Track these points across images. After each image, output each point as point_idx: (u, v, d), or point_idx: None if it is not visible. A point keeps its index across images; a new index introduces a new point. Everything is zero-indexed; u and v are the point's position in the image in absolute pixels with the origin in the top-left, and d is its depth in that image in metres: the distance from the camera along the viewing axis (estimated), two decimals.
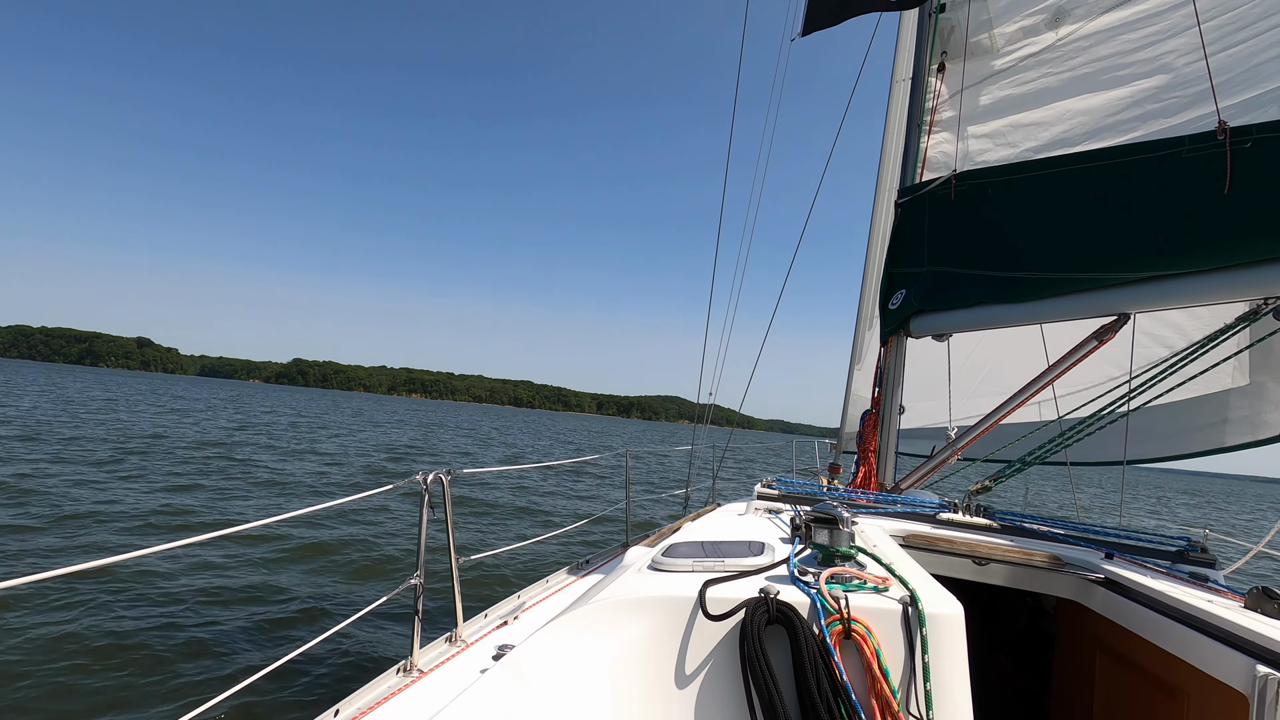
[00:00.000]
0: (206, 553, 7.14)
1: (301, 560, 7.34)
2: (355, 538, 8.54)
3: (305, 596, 6.01)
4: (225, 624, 5.29)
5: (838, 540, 1.56)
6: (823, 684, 1.25)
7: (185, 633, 5.07)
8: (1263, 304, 2.48)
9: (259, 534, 7.90)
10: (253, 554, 7.36)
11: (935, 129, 4.26)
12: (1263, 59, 2.92)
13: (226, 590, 6.06)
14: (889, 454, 4.04)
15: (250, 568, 6.93)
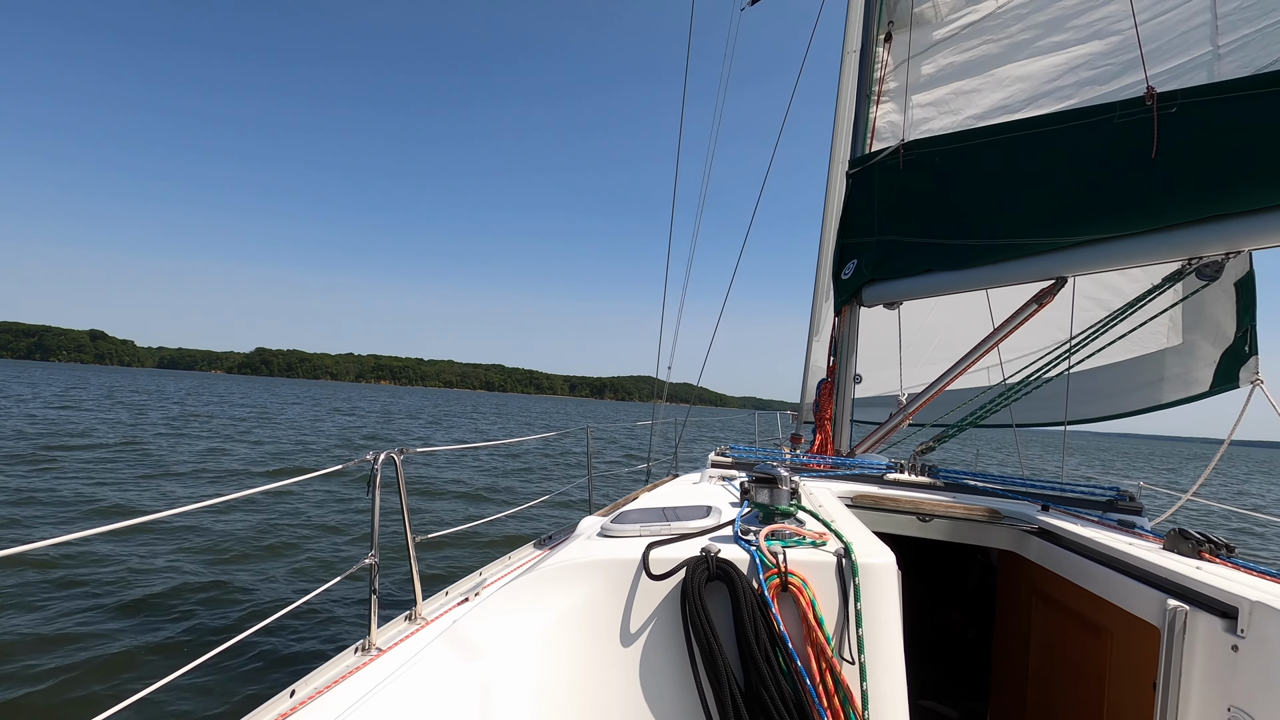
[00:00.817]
0: (149, 540, 7.00)
1: (249, 547, 7.26)
2: (307, 522, 8.47)
3: (256, 582, 5.97)
4: (173, 609, 5.24)
5: (777, 499, 1.61)
6: (760, 635, 1.29)
7: (130, 618, 5.01)
8: (1187, 264, 2.59)
9: (199, 521, 7.76)
10: (197, 541, 7.26)
11: (883, 99, 4.30)
12: (1189, 26, 3.00)
13: (171, 576, 5.98)
14: (844, 421, 4.13)
15: (195, 554, 6.83)
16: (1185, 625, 1.51)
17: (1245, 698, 1.37)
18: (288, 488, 10.00)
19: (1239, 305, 3.30)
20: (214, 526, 7.85)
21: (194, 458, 14.06)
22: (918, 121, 4.13)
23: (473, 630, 1.46)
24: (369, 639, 2.08)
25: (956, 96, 4.02)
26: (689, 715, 1.32)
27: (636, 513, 1.86)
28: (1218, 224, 2.41)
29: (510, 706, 1.31)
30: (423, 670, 1.40)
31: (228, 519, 8.24)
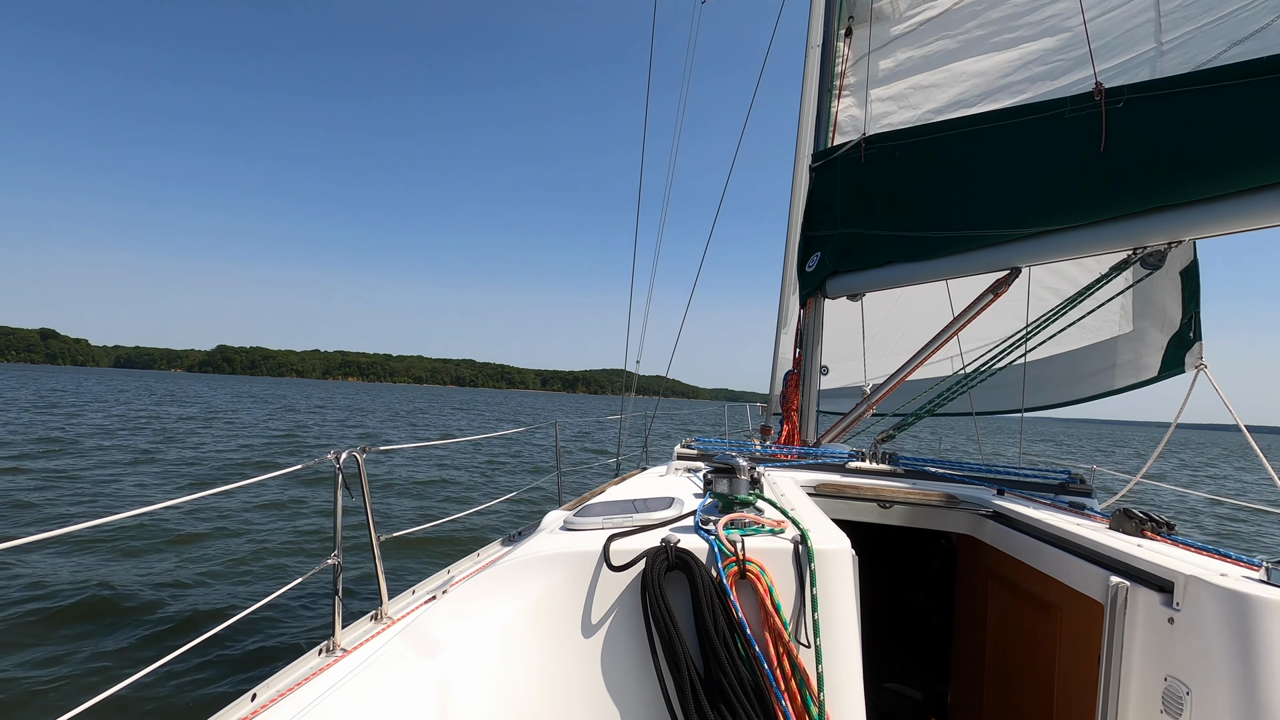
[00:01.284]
0: (102, 543, 6.80)
1: (206, 550, 7.10)
2: (268, 524, 8.31)
3: (215, 585, 5.85)
4: (128, 614, 5.12)
5: (736, 488, 1.63)
6: (719, 622, 1.32)
7: (84, 623, 4.89)
8: (1133, 253, 2.68)
9: (151, 524, 7.57)
10: (147, 545, 7.10)
11: (845, 93, 4.35)
12: (1135, 24, 3.10)
13: (123, 581, 5.84)
14: (810, 412, 4.18)
15: (146, 558, 6.67)
16: (1126, 600, 1.57)
17: (1181, 667, 1.43)
18: (247, 488, 9.79)
19: (1184, 293, 3.43)
20: (166, 530, 7.65)
21: (108, 465, 12.91)
22: (879, 115, 4.19)
23: (433, 627, 1.46)
24: (333, 640, 2.05)
25: (915, 91, 4.08)
26: (649, 704, 1.33)
27: (600, 505, 1.87)
28: (1162, 215, 2.50)
29: (471, 702, 1.31)
30: (383, 669, 1.39)
31: (177, 522, 8.01)
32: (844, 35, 4.37)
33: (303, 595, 5.34)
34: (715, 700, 1.26)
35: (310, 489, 10.62)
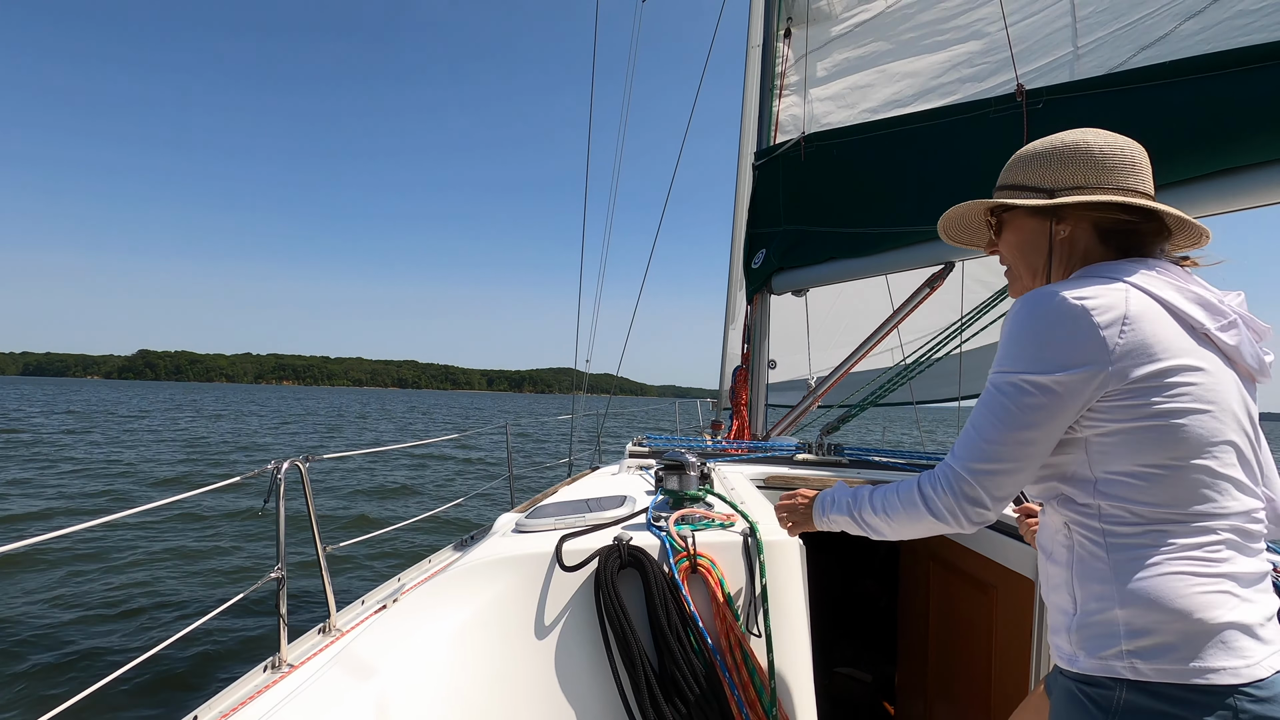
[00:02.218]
0: (26, 555, 6.43)
1: (142, 566, 6.77)
2: (204, 540, 7.97)
3: (150, 606, 5.60)
4: (56, 637, 4.82)
5: (687, 484, 1.66)
6: (672, 616, 1.34)
7: (11, 645, 4.58)
8: None
9: (72, 545, 7.15)
10: (70, 567, 6.71)
11: (785, 93, 4.44)
12: (1053, 29, 3.26)
13: (55, 597, 5.51)
14: (759, 406, 4.26)
15: (81, 576, 6.33)
16: None
17: None
18: (179, 503, 9.34)
19: None
20: (91, 549, 7.24)
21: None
22: (819, 115, 4.29)
23: (383, 637, 1.43)
24: (279, 655, 1.99)
25: (853, 91, 4.20)
26: (605, 701, 1.34)
27: (552, 506, 1.87)
28: None
29: (423, 711, 1.29)
30: (330, 682, 1.36)
31: (93, 542, 7.55)
32: (783, 36, 4.46)
33: (246, 612, 5.16)
34: (670, 694, 1.29)
35: (252, 500, 10.23)
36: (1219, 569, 0.93)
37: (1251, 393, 1.04)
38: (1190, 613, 0.91)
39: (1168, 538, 0.95)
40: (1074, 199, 1.08)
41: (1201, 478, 0.95)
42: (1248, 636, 0.91)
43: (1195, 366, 0.96)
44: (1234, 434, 0.97)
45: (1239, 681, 0.89)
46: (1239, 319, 1.02)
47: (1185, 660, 0.91)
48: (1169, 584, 0.93)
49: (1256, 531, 0.98)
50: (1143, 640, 0.93)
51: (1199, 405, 0.95)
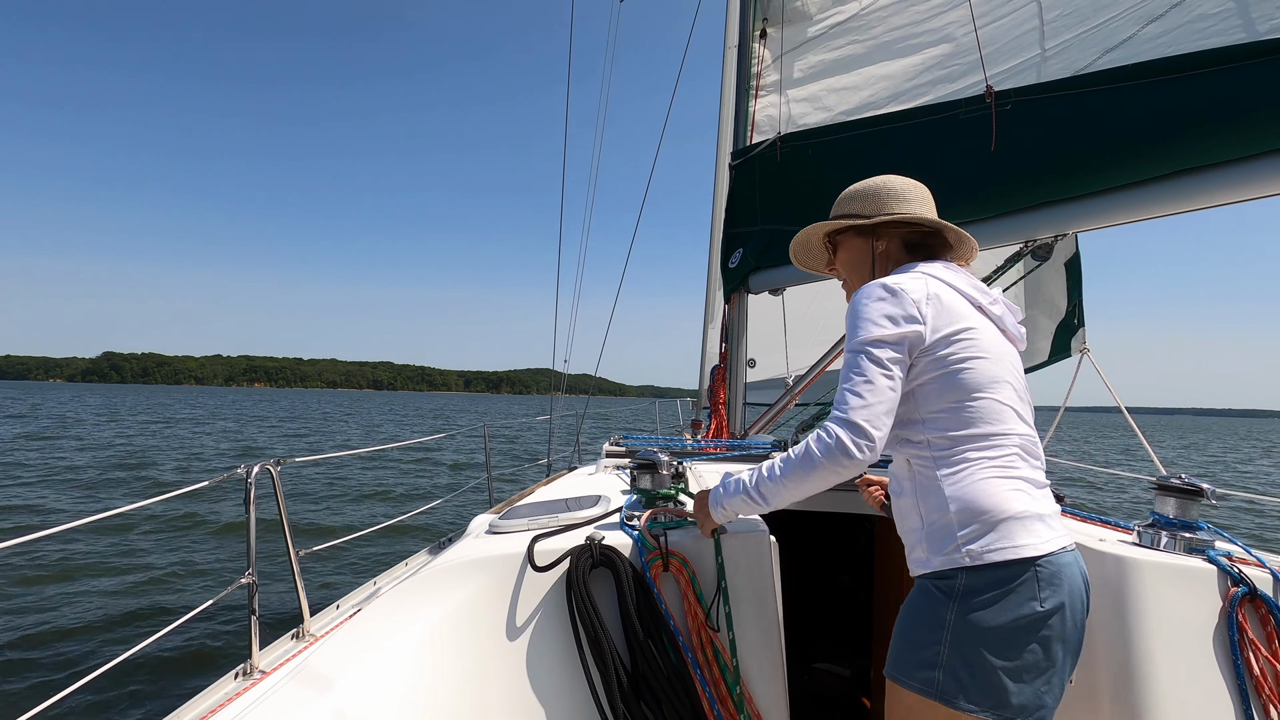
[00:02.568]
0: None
1: (108, 573, 6.61)
2: (172, 547, 7.81)
3: (118, 611, 5.48)
4: (23, 640, 4.71)
5: (659, 483, 1.66)
6: (643, 615, 1.35)
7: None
8: (1025, 246, 2.88)
9: (36, 551, 6.98)
10: (36, 572, 6.56)
11: (762, 93, 4.47)
12: (1021, 31, 3.32)
13: (16, 606, 5.40)
14: (738, 405, 4.28)
15: (42, 584, 6.16)
16: None
17: None
18: (148, 508, 9.15)
19: (1069, 283, 3.72)
20: (56, 554, 7.07)
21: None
22: (795, 116, 4.32)
23: (357, 640, 1.42)
24: (250, 662, 1.96)
25: (829, 93, 4.23)
26: (576, 700, 1.34)
27: (526, 507, 1.87)
28: (1047, 210, 2.70)
29: (394, 714, 1.28)
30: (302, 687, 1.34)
31: (57, 549, 7.38)
32: (759, 37, 4.48)
33: (219, 618, 5.07)
34: (641, 692, 1.29)
35: (221, 505, 10.05)
36: (1014, 473, 1.28)
37: (1017, 351, 1.43)
38: (1000, 507, 1.24)
39: (976, 454, 1.28)
40: (888, 216, 1.49)
41: (991, 407, 1.29)
42: (1039, 522, 1.25)
43: (976, 327, 1.33)
44: (1008, 377, 1.33)
45: (1036, 554, 1.21)
46: (1000, 300, 1.44)
47: (1001, 542, 1.22)
48: (983, 488, 1.25)
49: (1035, 452, 1.34)
50: (970, 531, 1.24)
51: (982, 354, 1.31)
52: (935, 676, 1.23)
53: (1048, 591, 1.20)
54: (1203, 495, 1.54)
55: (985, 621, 1.20)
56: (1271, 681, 1.32)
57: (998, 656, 1.19)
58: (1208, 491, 1.54)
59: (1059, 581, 1.21)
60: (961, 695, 1.20)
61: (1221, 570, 1.43)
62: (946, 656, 1.22)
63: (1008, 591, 1.20)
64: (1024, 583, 1.20)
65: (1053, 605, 1.20)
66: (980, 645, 1.20)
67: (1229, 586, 1.41)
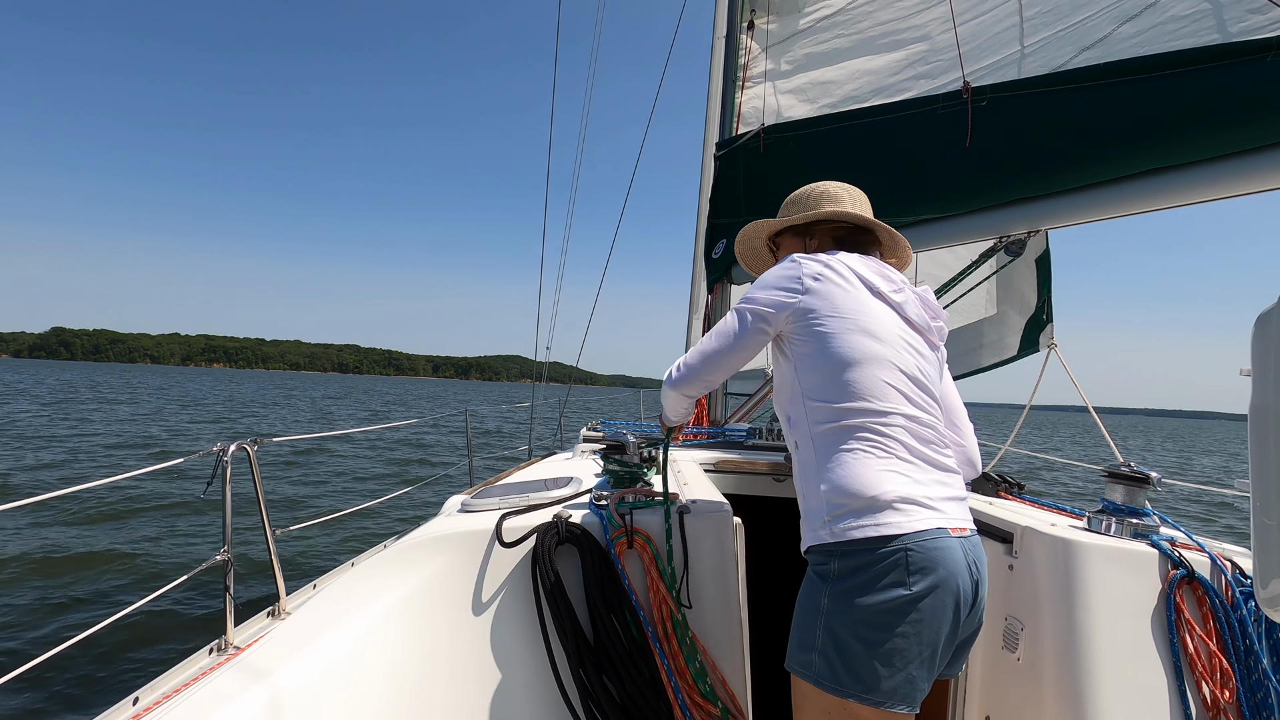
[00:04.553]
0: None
1: (72, 553, 6.56)
2: (143, 526, 7.77)
3: (87, 589, 5.47)
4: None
5: (628, 465, 1.70)
6: (606, 589, 1.39)
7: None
8: (999, 241, 2.93)
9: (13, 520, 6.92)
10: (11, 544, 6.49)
11: (749, 84, 4.49)
12: (1001, 28, 3.36)
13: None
14: (718, 394, 4.33)
15: (16, 559, 6.13)
16: None
17: (1016, 607, 1.62)
18: (120, 485, 9.08)
19: (1039, 279, 3.79)
20: (26, 529, 7.01)
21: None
22: (781, 108, 4.35)
23: (328, 615, 1.45)
24: (225, 638, 1.98)
25: (814, 86, 4.26)
26: (538, 672, 1.38)
27: (499, 488, 1.90)
28: (1021, 206, 2.75)
29: (361, 685, 1.31)
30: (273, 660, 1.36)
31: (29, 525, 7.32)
32: (747, 28, 4.49)
33: (196, 596, 5.08)
34: (602, 664, 1.33)
35: (196, 485, 9.98)
36: (891, 454, 1.28)
37: (925, 341, 1.45)
38: (868, 486, 1.25)
39: (853, 431, 1.30)
40: (815, 214, 1.62)
41: (870, 384, 1.31)
42: (914, 505, 1.24)
43: (868, 309, 1.37)
44: (897, 359, 1.34)
45: (903, 533, 1.21)
46: (907, 289, 1.48)
47: (861, 520, 1.23)
48: (852, 468, 1.27)
49: (932, 436, 1.34)
50: (839, 511, 1.26)
51: (864, 333, 1.34)
52: (813, 660, 1.24)
53: (918, 575, 1.18)
54: (1149, 483, 1.60)
55: (853, 604, 1.20)
56: (1204, 660, 1.38)
57: (865, 640, 1.19)
58: (1154, 479, 1.59)
59: (934, 565, 1.19)
60: (834, 679, 1.21)
61: (1162, 554, 1.49)
62: (821, 640, 1.23)
63: (874, 574, 1.20)
64: (891, 565, 1.19)
65: (923, 588, 1.18)
66: (849, 629, 1.20)
67: (1169, 569, 1.47)
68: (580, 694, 1.33)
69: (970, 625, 1.31)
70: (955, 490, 1.33)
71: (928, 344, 1.46)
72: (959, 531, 1.26)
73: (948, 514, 1.27)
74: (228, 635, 1.99)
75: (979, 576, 1.29)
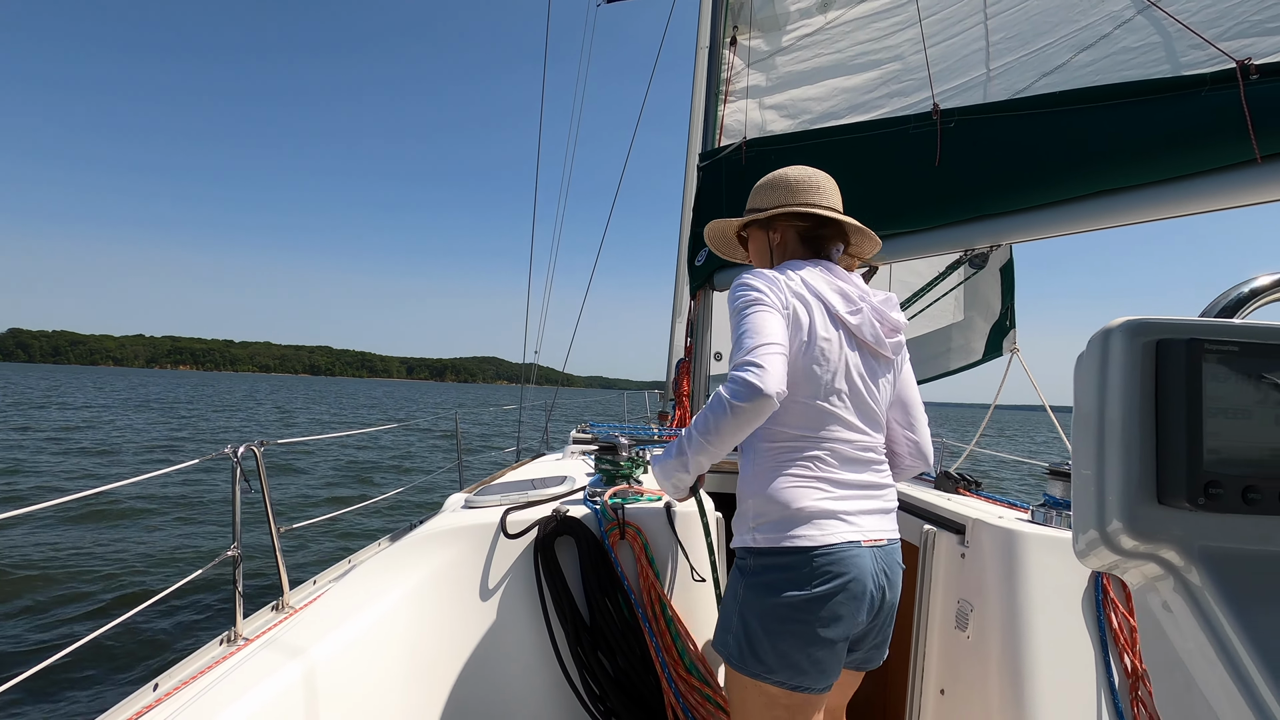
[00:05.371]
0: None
1: (93, 549, 6.67)
2: (158, 524, 7.85)
3: (108, 583, 5.65)
4: (20, 609, 4.96)
5: (620, 464, 1.86)
6: (601, 576, 1.54)
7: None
8: (964, 254, 3.13)
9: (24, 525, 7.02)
10: (29, 543, 6.62)
11: (731, 98, 4.66)
12: (969, 51, 3.56)
13: (11, 579, 5.49)
14: (700, 397, 4.49)
15: (34, 557, 6.23)
16: (933, 542, 1.93)
17: (967, 591, 1.80)
18: (137, 485, 9.09)
19: (1003, 287, 4.02)
20: (45, 532, 7.09)
21: None
22: (764, 122, 4.52)
23: (338, 605, 1.57)
24: (234, 630, 2.10)
25: (795, 103, 4.44)
26: (541, 650, 1.53)
27: (499, 485, 2.04)
28: (985, 222, 2.94)
29: (378, 664, 1.44)
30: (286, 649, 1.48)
31: (48, 527, 7.41)
32: (730, 44, 4.67)
33: (207, 591, 5.24)
34: (597, 643, 1.49)
35: (200, 485, 10.06)
36: (817, 474, 1.40)
37: (873, 360, 1.50)
38: (789, 502, 1.37)
39: (787, 453, 1.41)
40: (777, 210, 1.60)
41: (811, 413, 1.41)
42: (829, 518, 1.37)
43: (824, 338, 1.42)
44: (839, 386, 1.43)
45: (813, 545, 1.34)
46: (865, 308, 1.49)
47: (778, 530, 1.36)
48: (779, 483, 1.39)
49: (865, 456, 1.46)
50: (761, 520, 1.39)
51: (815, 362, 1.41)
52: (728, 640, 1.39)
53: (822, 579, 1.32)
54: None
55: (762, 598, 1.35)
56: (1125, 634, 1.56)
57: (768, 630, 1.33)
58: None
59: (839, 571, 1.32)
60: (740, 659, 1.36)
61: None
62: (735, 625, 1.38)
63: (783, 576, 1.34)
64: (797, 569, 1.33)
65: (824, 591, 1.31)
66: (756, 618, 1.35)
67: None
68: (578, 668, 1.48)
69: (882, 624, 1.47)
70: (880, 504, 1.46)
71: (879, 361, 1.51)
72: (871, 542, 1.39)
73: (862, 527, 1.40)
74: (237, 628, 2.10)
75: (885, 583, 1.42)
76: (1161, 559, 0.55)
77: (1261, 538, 0.53)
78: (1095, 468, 0.56)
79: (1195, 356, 0.54)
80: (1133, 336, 0.56)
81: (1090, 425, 0.57)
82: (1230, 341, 0.54)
